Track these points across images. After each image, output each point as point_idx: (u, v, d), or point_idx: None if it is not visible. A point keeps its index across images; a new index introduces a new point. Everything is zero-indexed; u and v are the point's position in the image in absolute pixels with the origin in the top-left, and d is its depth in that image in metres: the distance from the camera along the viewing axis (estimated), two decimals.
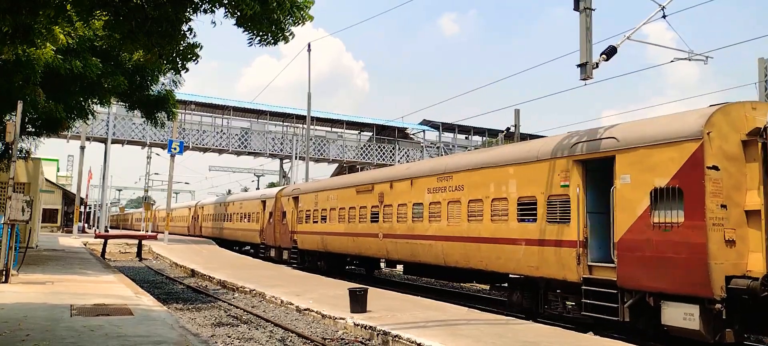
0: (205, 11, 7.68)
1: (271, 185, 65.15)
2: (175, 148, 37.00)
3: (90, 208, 75.16)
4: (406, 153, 55.46)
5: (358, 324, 10.62)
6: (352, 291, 11.94)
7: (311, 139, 46.71)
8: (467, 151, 36.88)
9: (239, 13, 7.48)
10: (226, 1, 7.51)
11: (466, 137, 59.28)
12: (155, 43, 7.81)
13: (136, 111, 20.28)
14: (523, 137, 29.60)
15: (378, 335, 9.95)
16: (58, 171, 68.21)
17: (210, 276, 19.83)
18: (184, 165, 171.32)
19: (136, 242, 31.52)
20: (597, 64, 11.46)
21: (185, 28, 7.87)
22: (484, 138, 57.22)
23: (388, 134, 56.12)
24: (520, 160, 12.55)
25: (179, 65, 8.76)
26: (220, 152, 49.95)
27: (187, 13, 7.64)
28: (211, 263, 24.84)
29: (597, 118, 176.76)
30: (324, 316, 11.83)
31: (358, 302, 11.78)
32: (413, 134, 58.31)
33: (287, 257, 25.83)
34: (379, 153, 54.65)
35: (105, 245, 28.35)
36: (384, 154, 54.63)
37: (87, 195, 60.47)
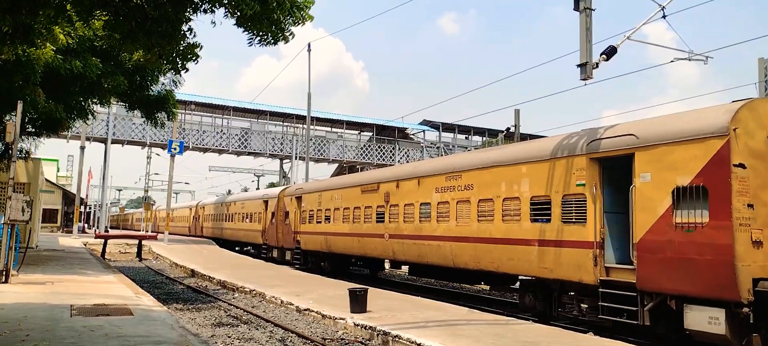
0: (205, 11, 7.69)
1: (271, 185, 65.17)
2: (175, 149, 37.00)
3: (90, 208, 75.17)
4: (406, 153, 55.46)
5: (358, 324, 10.62)
6: (352, 291, 11.94)
7: (311, 139, 46.72)
8: (476, 149, 36.50)
9: (239, 13, 7.49)
10: (226, 1, 7.52)
11: (466, 137, 59.30)
12: (155, 43, 7.81)
13: (136, 111, 20.27)
14: (523, 137, 29.59)
15: (378, 335, 9.96)
16: (58, 171, 68.24)
17: (210, 276, 19.83)
18: (184, 165, 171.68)
19: (136, 242, 31.53)
20: (597, 64, 11.47)
21: (185, 28, 7.88)
22: (484, 138, 57.23)
23: (388, 134, 56.13)
24: (533, 159, 12.15)
25: (179, 65, 8.75)
26: (220, 152, 49.96)
27: (187, 13, 7.65)
28: (211, 263, 24.84)
29: (597, 118, 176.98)
30: (324, 316, 11.83)
31: (358, 302, 11.78)
32: (413, 134, 58.31)
33: (290, 257, 25.50)
34: (379, 153, 54.65)
35: (105, 245, 28.36)
36: (384, 154, 54.63)
37: (87, 195, 60.44)
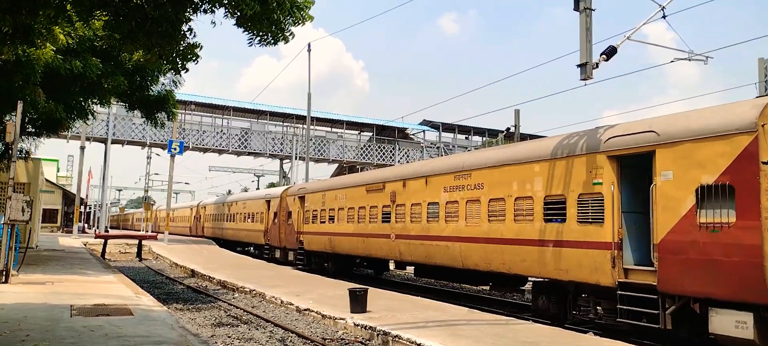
0: (205, 11, 7.69)
1: (271, 185, 65.16)
2: (175, 149, 37.02)
3: (90, 208, 75.18)
4: (406, 153, 55.49)
5: (358, 324, 10.62)
6: (352, 291, 11.94)
7: (311, 139, 46.74)
8: (484, 148, 36.08)
9: (239, 13, 7.49)
10: (226, 1, 7.52)
11: (466, 137, 59.35)
12: (155, 44, 7.81)
13: (136, 111, 20.26)
14: (523, 137, 29.58)
15: (378, 335, 9.95)
16: (58, 171, 68.29)
17: (210, 276, 19.83)
18: (184, 165, 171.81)
19: (136, 242, 31.53)
20: (597, 64, 11.44)
21: (185, 28, 7.88)
22: (484, 138, 57.26)
23: (388, 134, 56.14)
24: (546, 157, 11.76)
25: (179, 65, 8.75)
26: (220, 153, 49.99)
27: (187, 14, 7.65)
28: (211, 263, 24.84)
29: (597, 118, 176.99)
30: (324, 316, 11.83)
31: (358, 302, 11.77)
32: (413, 134, 58.35)
33: (293, 258, 25.20)
34: (379, 153, 54.66)
35: (105, 245, 28.38)
36: (384, 154, 54.64)
37: (87, 195, 60.43)
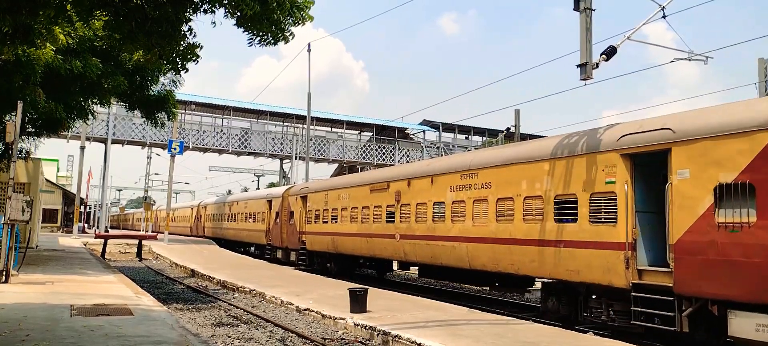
0: (205, 11, 7.69)
1: (271, 184, 65.17)
2: (175, 149, 37.03)
3: (90, 208, 75.18)
4: (406, 153, 55.50)
5: (358, 324, 10.62)
6: (352, 291, 11.94)
7: (311, 139, 46.73)
8: (492, 146, 35.99)
9: (239, 13, 7.49)
10: (226, 2, 7.52)
11: (466, 137, 59.36)
12: (155, 44, 7.81)
13: (136, 111, 20.26)
14: (523, 137, 29.58)
15: (378, 335, 9.96)
16: (58, 171, 68.30)
17: (210, 276, 19.83)
18: (184, 165, 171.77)
19: (136, 242, 31.54)
20: (597, 64, 11.45)
21: (185, 28, 7.88)
22: (484, 138, 57.27)
23: (388, 134, 56.15)
24: (556, 155, 11.56)
25: (179, 65, 8.74)
26: (220, 152, 49.99)
27: (187, 14, 7.65)
28: (211, 263, 24.84)
29: (597, 118, 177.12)
30: (324, 316, 11.83)
31: (358, 302, 11.77)
32: (413, 134, 58.36)
33: (295, 258, 25.00)
34: (379, 153, 54.65)
35: (105, 245, 28.39)
36: (384, 154, 54.64)
37: (87, 195, 60.43)
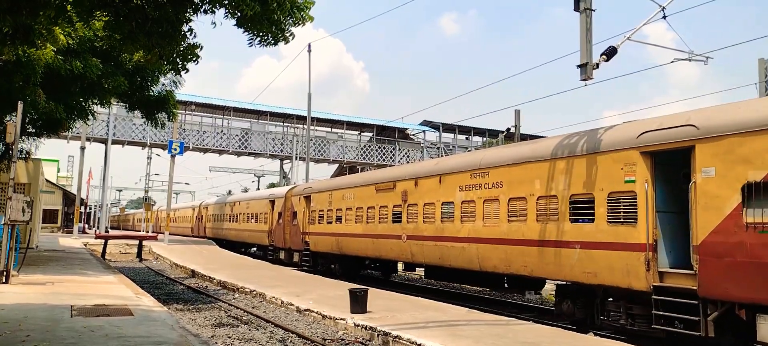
0: (205, 12, 7.69)
1: (272, 185, 65.17)
2: (175, 149, 37.03)
3: (90, 208, 75.20)
4: (406, 153, 55.52)
5: (359, 325, 10.62)
6: (352, 291, 11.94)
7: (311, 139, 46.75)
8: (502, 145, 35.68)
9: (239, 13, 7.49)
10: (226, 2, 7.52)
11: (467, 138, 59.40)
12: (155, 44, 7.81)
13: (136, 112, 20.28)
14: (524, 138, 29.58)
15: (378, 335, 9.95)
16: (59, 171, 68.33)
17: (210, 277, 19.83)
18: (184, 166, 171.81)
19: (137, 242, 31.54)
20: (597, 64, 11.45)
21: (185, 28, 7.88)
22: (485, 138, 57.27)
23: (389, 135, 56.14)
24: (572, 154, 11.22)
25: (179, 66, 8.74)
26: (221, 153, 50.02)
27: (188, 14, 7.65)
28: (212, 263, 24.84)
29: (598, 118, 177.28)
30: (324, 316, 11.83)
31: (358, 303, 11.77)
32: (413, 135, 58.35)
33: (298, 259, 24.74)
34: (379, 153, 54.66)
35: (105, 245, 28.39)
36: (384, 154, 54.64)
37: (87, 196, 60.44)
